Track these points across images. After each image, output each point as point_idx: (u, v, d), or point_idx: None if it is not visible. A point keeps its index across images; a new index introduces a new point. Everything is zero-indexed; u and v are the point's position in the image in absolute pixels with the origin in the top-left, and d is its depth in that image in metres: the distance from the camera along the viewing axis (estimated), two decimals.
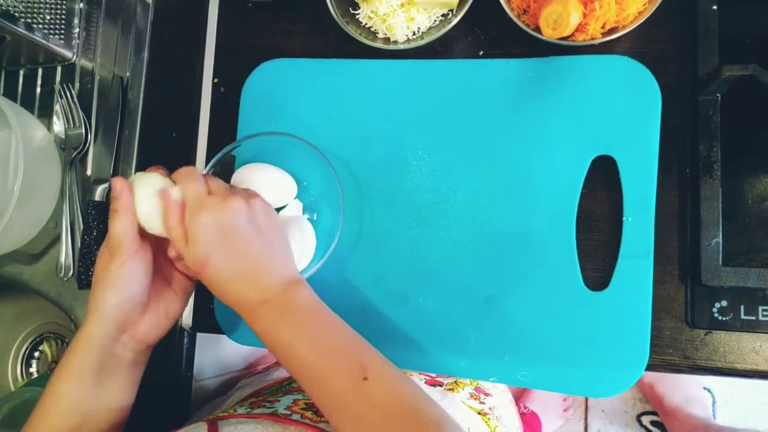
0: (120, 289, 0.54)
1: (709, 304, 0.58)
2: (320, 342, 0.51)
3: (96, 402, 0.54)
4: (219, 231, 0.52)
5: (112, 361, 0.55)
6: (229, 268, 0.53)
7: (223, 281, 0.53)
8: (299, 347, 0.50)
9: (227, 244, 0.52)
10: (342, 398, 0.48)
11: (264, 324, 0.52)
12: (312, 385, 0.50)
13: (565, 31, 0.60)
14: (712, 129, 0.58)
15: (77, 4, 0.80)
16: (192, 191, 0.53)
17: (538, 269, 0.61)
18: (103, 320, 0.54)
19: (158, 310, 0.58)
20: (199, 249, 0.52)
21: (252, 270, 0.53)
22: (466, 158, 0.65)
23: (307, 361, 0.50)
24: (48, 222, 0.77)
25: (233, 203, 0.53)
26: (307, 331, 0.51)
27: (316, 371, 0.49)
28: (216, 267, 0.52)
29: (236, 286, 0.53)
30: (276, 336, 0.52)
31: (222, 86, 0.74)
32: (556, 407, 1.50)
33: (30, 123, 0.75)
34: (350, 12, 0.69)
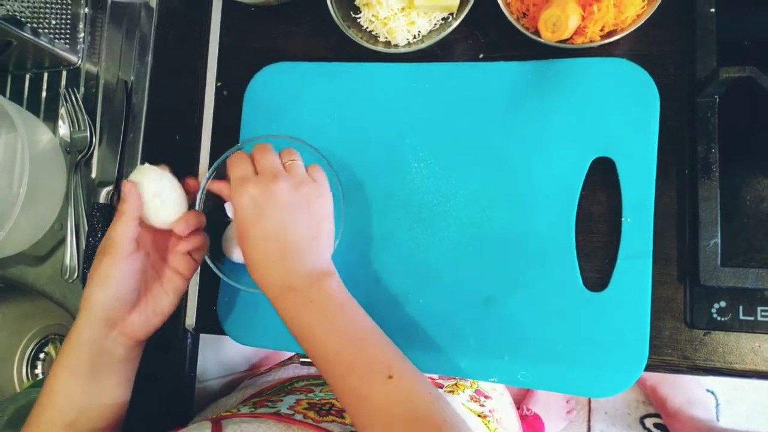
0: (109, 287, 0.55)
1: (707, 305, 0.59)
2: (345, 335, 0.52)
3: (90, 398, 0.55)
4: (255, 211, 0.54)
5: (104, 356, 0.56)
6: (262, 248, 0.54)
7: (255, 260, 0.54)
8: (323, 337, 0.52)
9: (263, 223, 0.54)
10: (363, 393, 0.49)
11: (290, 311, 0.53)
12: (333, 375, 0.51)
13: (563, 34, 0.60)
14: (710, 130, 0.59)
15: (82, 9, 0.81)
16: (238, 172, 0.56)
17: (537, 270, 0.62)
18: (92, 317, 0.55)
19: (147, 308, 0.58)
20: (239, 223, 0.55)
21: (283, 254, 0.54)
22: (466, 160, 0.65)
23: (331, 352, 0.51)
24: (53, 224, 0.78)
25: (273, 187, 0.54)
26: (333, 322, 0.52)
27: (338, 363, 0.50)
28: (251, 244, 0.54)
29: (266, 267, 0.54)
30: (301, 324, 0.53)
31: (225, 89, 0.75)
32: (558, 409, 1.50)
33: (36, 126, 0.76)
34: (351, 16, 0.70)
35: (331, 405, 0.64)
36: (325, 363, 0.52)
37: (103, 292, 0.55)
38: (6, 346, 0.98)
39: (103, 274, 0.55)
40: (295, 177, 0.56)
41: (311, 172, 0.59)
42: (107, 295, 0.55)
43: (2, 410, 0.81)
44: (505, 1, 0.64)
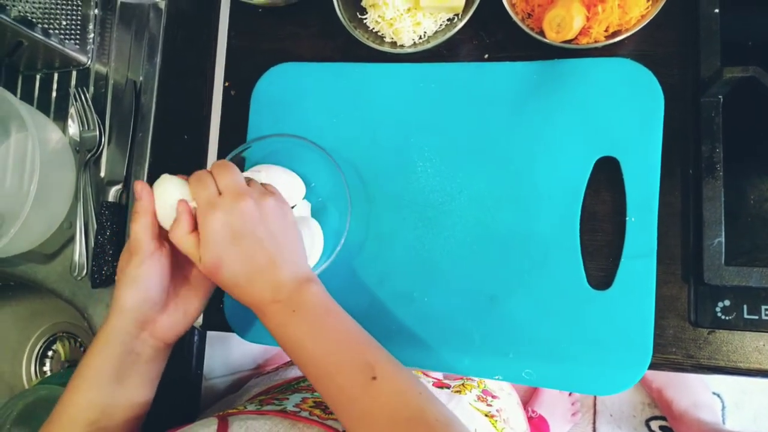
0: (138, 288, 0.55)
1: (712, 304, 0.59)
2: (329, 340, 0.52)
3: (114, 398, 0.56)
4: (229, 233, 0.53)
5: (132, 357, 0.57)
6: (241, 269, 0.53)
7: (236, 283, 0.54)
8: (308, 344, 0.52)
9: (238, 245, 0.53)
10: (349, 395, 0.49)
11: (275, 322, 0.54)
12: (320, 381, 0.51)
13: (568, 34, 0.61)
14: (714, 130, 0.59)
15: (92, 10, 0.82)
16: (202, 195, 0.54)
17: (542, 269, 0.62)
18: (122, 318, 0.55)
19: (177, 310, 0.59)
20: (211, 252, 0.53)
21: (263, 270, 0.54)
22: (471, 160, 0.66)
23: (316, 358, 0.51)
24: (62, 222, 0.79)
25: (242, 205, 0.53)
26: (317, 329, 0.52)
27: (324, 368, 0.51)
28: (228, 269, 0.53)
29: (248, 286, 0.54)
30: (287, 333, 0.53)
31: (232, 89, 0.76)
32: (564, 411, 1.50)
33: (46, 126, 0.77)
34: (357, 17, 0.70)
35: None
36: (313, 369, 0.52)
37: (132, 293, 0.55)
38: (15, 343, 0.99)
39: (131, 274, 0.55)
40: (255, 191, 0.56)
41: (265, 186, 0.60)
42: (137, 295, 0.55)
43: (12, 407, 0.82)
44: (510, 2, 0.64)
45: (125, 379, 0.57)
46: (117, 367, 0.56)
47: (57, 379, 0.88)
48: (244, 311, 0.70)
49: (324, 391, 0.51)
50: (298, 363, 0.53)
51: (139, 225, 0.56)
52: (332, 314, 0.54)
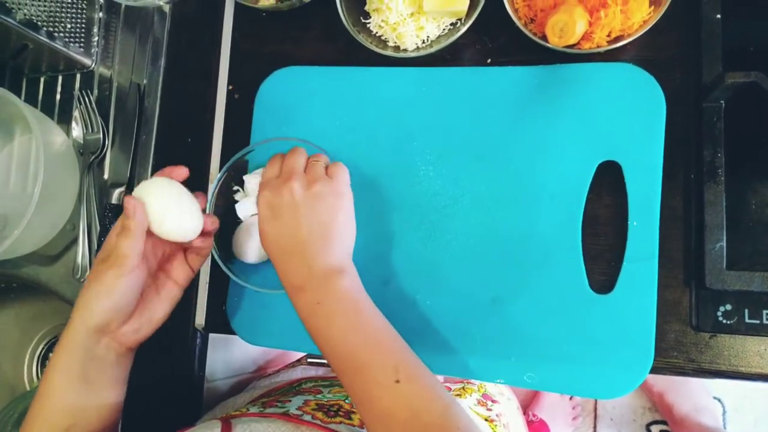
0: (112, 299, 0.54)
1: (713, 308, 0.59)
2: (355, 337, 0.52)
3: (85, 400, 0.55)
4: (270, 211, 0.57)
5: (96, 361, 0.55)
6: (278, 246, 0.57)
7: (274, 257, 0.57)
8: (333, 338, 0.53)
9: (276, 223, 0.57)
10: (371, 395, 0.50)
11: (301, 311, 0.55)
12: (343, 376, 0.52)
13: (570, 39, 0.61)
14: (716, 135, 0.59)
15: (97, 14, 0.82)
16: (266, 175, 0.60)
17: (544, 272, 0.62)
18: (86, 323, 0.54)
19: (141, 317, 0.58)
20: (261, 225, 0.58)
21: (292, 254, 0.56)
22: (474, 163, 0.66)
23: (340, 354, 0.52)
24: (66, 224, 0.79)
25: (287, 186, 0.56)
26: (342, 324, 0.53)
27: (348, 364, 0.51)
28: (269, 242, 0.57)
29: (282, 265, 0.57)
30: (311, 324, 0.54)
31: (236, 93, 0.76)
32: (564, 415, 1.50)
33: (50, 128, 0.77)
34: (361, 21, 0.71)
35: (339, 406, 0.65)
36: (338, 363, 0.52)
37: (103, 302, 0.54)
38: (17, 345, 0.99)
39: (108, 285, 0.54)
40: (309, 176, 0.58)
41: (330, 170, 0.59)
42: (108, 305, 0.54)
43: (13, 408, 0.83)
44: (513, 7, 0.65)
45: (93, 382, 0.55)
46: (83, 371, 0.54)
47: None
48: (247, 314, 0.70)
49: (347, 384, 0.52)
50: (324, 354, 0.54)
51: (129, 242, 0.54)
52: (361, 311, 0.55)
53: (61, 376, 0.54)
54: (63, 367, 0.55)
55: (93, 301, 0.54)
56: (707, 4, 0.61)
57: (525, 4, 0.65)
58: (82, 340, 0.54)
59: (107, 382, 0.57)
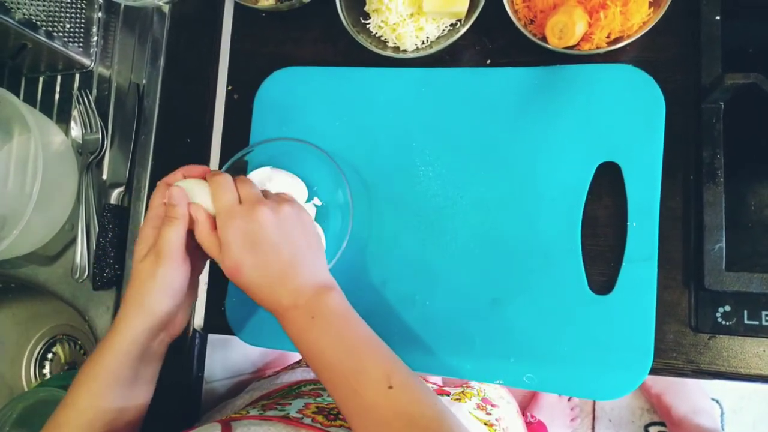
0: (168, 292, 0.56)
1: (712, 309, 0.59)
2: (347, 347, 0.52)
3: (129, 398, 0.56)
4: (247, 239, 0.54)
5: (147, 357, 0.57)
6: (260, 274, 0.54)
7: (256, 286, 0.54)
8: (327, 351, 0.52)
9: (256, 251, 0.54)
10: (366, 403, 0.49)
11: (294, 327, 0.54)
12: (337, 388, 0.51)
13: (570, 40, 0.61)
14: (715, 136, 0.59)
15: (96, 14, 0.82)
16: (223, 201, 0.55)
17: (543, 273, 0.62)
18: (147, 319, 0.55)
19: (187, 307, 0.60)
20: (231, 257, 0.54)
21: (282, 275, 0.54)
22: (473, 164, 0.66)
23: (333, 364, 0.51)
24: (64, 224, 0.79)
25: (259, 212, 0.54)
26: (335, 335, 0.53)
27: (342, 376, 0.51)
28: (248, 273, 0.54)
29: (268, 290, 0.54)
30: (306, 339, 0.53)
31: (235, 93, 0.76)
32: (563, 416, 1.50)
33: (49, 128, 0.77)
34: (360, 21, 0.71)
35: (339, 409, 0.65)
36: (329, 374, 0.52)
37: (162, 297, 0.55)
38: (15, 345, 0.99)
39: (164, 279, 0.55)
40: (271, 200, 0.57)
41: (280, 195, 0.61)
42: (168, 299, 0.56)
43: (11, 408, 0.82)
44: (512, 8, 0.65)
45: (139, 380, 0.57)
46: (135, 369, 0.56)
47: (57, 381, 0.88)
48: (246, 314, 0.70)
49: (340, 398, 0.51)
50: (316, 368, 0.53)
51: (175, 232, 0.55)
52: (350, 322, 0.55)
53: (112, 373, 0.55)
54: (114, 364, 0.55)
55: (153, 299, 0.55)
56: (707, 5, 0.62)
57: (525, 5, 0.65)
58: (141, 337, 0.55)
59: (150, 379, 0.59)
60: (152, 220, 0.58)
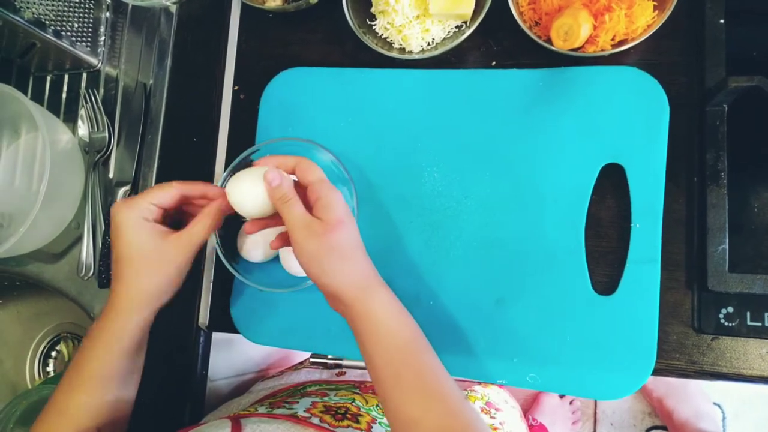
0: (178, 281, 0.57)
1: (715, 310, 0.59)
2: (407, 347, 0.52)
3: (125, 393, 0.57)
4: (347, 207, 0.54)
5: (142, 348, 0.58)
6: (351, 242, 0.53)
7: (349, 251, 0.53)
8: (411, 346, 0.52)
9: (351, 220, 0.54)
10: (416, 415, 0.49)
11: (383, 306, 0.53)
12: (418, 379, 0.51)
13: (575, 42, 0.62)
14: (718, 139, 0.60)
15: (104, 14, 0.83)
16: (320, 174, 0.56)
17: (547, 274, 0.63)
18: (153, 306, 0.56)
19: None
20: (337, 213, 0.52)
21: (362, 254, 0.55)
22: (477, 165, 0.67)
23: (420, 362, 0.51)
24: (70, 222, 0.79)
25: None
26: (418, 331, 0.54)
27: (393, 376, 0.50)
28: (346, 234, 0.53)
29: (360, 259, 0.54)
30: (398, 320, 0.53)
31: (242, 93, 0.77)
32: (564, 419, 1.50)
33: (56, 126, 0.77)
34: (367, 23, 0.71)
35: (347, 409, 0.65)
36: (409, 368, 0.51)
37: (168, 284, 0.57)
38: (20, 343, 0.99)
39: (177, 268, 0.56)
40: None
41: None
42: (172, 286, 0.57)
43: (15, 406, 0.83)
44: (518, 10, 0.65)
45: (135, 373, 0.58)
46: (132, 362, 0.56)
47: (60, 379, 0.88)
48: (252, 313, 0.71)
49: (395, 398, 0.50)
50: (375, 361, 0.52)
51: (207, 227, 0.57)
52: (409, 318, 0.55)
53: (108, 370, 0.55)
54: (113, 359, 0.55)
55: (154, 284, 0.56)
56: (711, 8, 0.62)
57: (530, 7, 0.66)
58: (146, 318, 0.56)
59: (140, 370, 0.59)
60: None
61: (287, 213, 0.53)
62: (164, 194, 0.57)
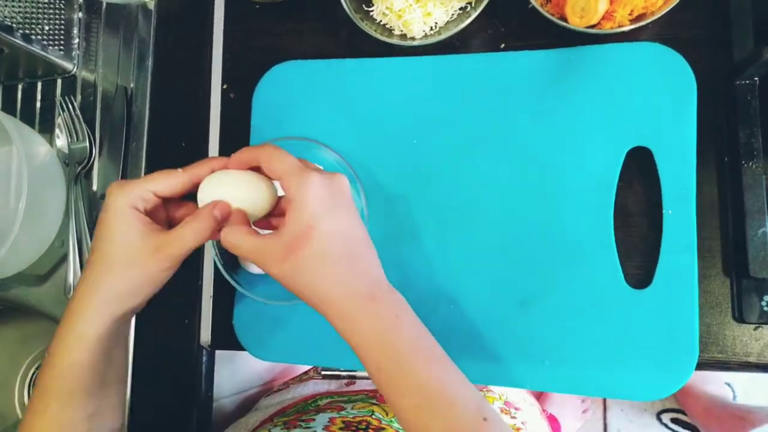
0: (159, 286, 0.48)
1: (757, 298, 0.56)
2: (437, 362, 0.44)
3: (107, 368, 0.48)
4: (330, 197, 0.43)
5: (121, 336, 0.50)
6: (337, 245, 0.43)
7: (325, 261, 0.43)
8: (416, 364, 0.42)
9: (338, 216, 0.43)
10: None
11: (375, 325, 0.43)
12: (422, 408, 0.42)
13: (593, 19, 0.57)
14: (751, 114, 0.56)
15: (76, 14, 0.77)
16: (289, 161, 0.45)
17: (575, 268, 0.58)
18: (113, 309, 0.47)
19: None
20: (303, 220, 0.42)
21: (361, 254, 0.44)
22: (492, 156, 0.62)
23: (425, 385, 0.42)
24: (54, 241, 0.74)
25: (339, 178, 0.45)
26: (423, 346, 0.44)
27: (435, 398, 0.42)
28: (321, 241, 0.42)
29: (339, 270, 0.43)
30: (389, 341, 0.43)
31: (231, 92, 0.72)
32: (574, 409, 1.47)
33: (32, 138, 0.71)
34: (363, 9, 0.66)
35: (368, 423, 0.61)
36: (418, 398, 0.42)
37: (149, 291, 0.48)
38: (5, 370, 0.94)
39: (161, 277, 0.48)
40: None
41: None
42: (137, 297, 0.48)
43: None
44: None
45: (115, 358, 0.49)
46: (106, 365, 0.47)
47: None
48: (256, 328, 0.66)
49: (424, 421, 0.42)
50: (393, 386, 0.43)
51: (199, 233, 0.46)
52: (428, 332, 0.46)
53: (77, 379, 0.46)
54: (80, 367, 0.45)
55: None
56: None
57: None
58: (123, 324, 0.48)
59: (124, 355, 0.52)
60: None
61: (237, 250, 0.45)
62: (168, 181, 0.48)
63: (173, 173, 0.49)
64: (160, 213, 0.51)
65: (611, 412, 1.52)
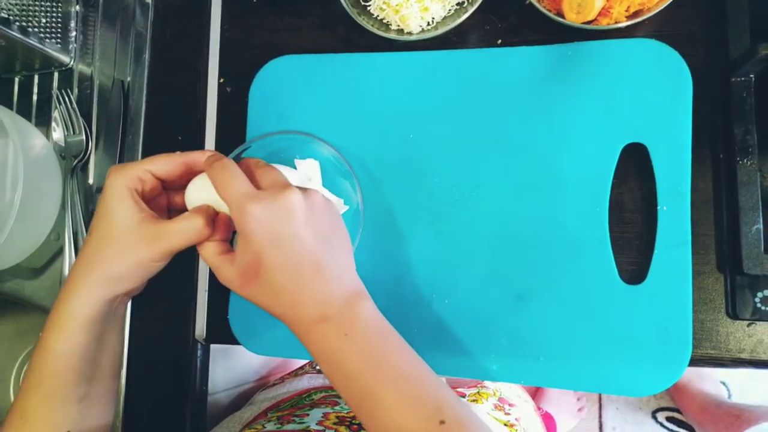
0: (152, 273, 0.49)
1: (751, 294, 0.56)
2: (390, 373, 0.44)
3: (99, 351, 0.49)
4: (272, 230, 0.43)
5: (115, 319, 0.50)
6: (284, 276, 0.44)
7: (275, 291, 0.45)
8: (365, 375, 0.43)
9: (281, 246, 0.44)
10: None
11: (322, 346, 0.45)
12: (376, 419, 0.43)
13: (589, 15, 0.57)
14: (746, 111, 0.56)
15: (73, 7, 0.77)
16: (236, 186, 0.45)
17: (570, 264, 0.58)
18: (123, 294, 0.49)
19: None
20: (250, 252, 0.44)
21: (310, 279, 0.45)
22: (489, 152, 0.62)
23: (374, 395, 0.43)
24: (50, 234, 0.74)
25: (289, 197, 0.44)
26: (375, 358, 0.44)
27: (385, 406, 0.42)
28: (268, 274, 0.44)
29: (291, 297, 0.45)
30: (337, 361, 0.44)
31: (228, 86, 0.72)
32: (570, 407, 1.48)
33: (28, 131, 0.71)
34: (360, 3, 0.66)
35: None
36: (368, 402, 0.43)
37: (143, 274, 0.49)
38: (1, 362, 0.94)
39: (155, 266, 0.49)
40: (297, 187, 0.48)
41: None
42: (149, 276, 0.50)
43: None
44: None
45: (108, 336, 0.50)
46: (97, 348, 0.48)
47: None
48: (251, 322, 0.66)
49: (376, 429, 0.43)
50: (348, 396, 0.45)
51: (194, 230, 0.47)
52: (389, 339, 0.46)
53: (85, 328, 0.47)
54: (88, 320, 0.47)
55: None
56: None
57: None
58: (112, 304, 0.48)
59: (118, 336, 0.52)
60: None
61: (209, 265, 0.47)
62: (166, 162, 0.49)
63: (171, 155, 0.50)
64: (161, 199, 0.52)
65: (606, 411, 1.53)
